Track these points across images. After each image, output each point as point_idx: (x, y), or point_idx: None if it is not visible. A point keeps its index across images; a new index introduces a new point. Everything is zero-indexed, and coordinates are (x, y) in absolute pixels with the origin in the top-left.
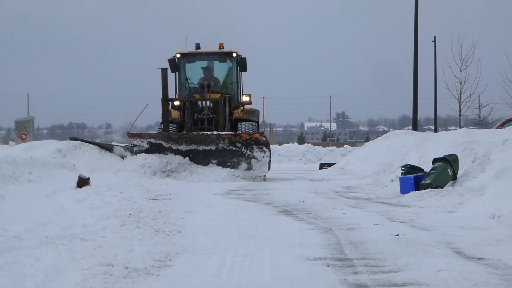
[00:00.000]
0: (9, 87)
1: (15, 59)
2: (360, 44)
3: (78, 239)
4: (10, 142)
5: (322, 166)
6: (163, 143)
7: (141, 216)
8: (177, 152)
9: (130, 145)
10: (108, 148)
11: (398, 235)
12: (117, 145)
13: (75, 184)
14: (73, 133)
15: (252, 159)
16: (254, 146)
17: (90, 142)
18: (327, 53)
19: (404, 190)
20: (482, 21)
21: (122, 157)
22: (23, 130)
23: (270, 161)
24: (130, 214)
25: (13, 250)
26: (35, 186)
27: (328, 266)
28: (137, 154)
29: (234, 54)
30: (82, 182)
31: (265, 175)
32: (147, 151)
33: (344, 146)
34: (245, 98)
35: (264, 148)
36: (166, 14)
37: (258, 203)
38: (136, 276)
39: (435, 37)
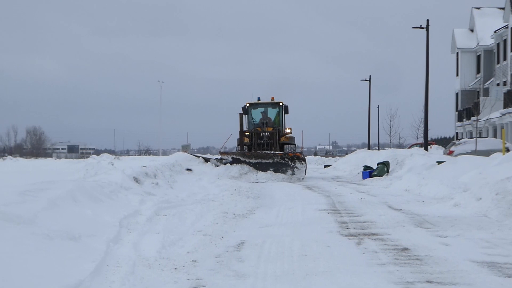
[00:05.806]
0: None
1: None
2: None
3: (211, 200)
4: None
5: (325, 166)
6: (241, 158)
7: (240, 190)
8: (249, 163)
9: (219, 158)
10: (207, 159)
11: (361, 198)
12: (212, 158)
13: (212, 174)
14: (208, 150)
15: (295, 168)
16: (296, 160)
17: (196, 156)
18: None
19: (364, 177)
20: None
21: (216, 165)
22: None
23: (306, 169)
24: (235, 189)
25: (180, 205)
26: (190, 176)
27: (328, 213)
28: (225, 164)
29: (281, 104)
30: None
31: (303, 178)
32: (231, 162)
33: (335, 157)
34: (288, 130)
35: (303, 162)
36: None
37: (294, 184)
38: (239, 218)
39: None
